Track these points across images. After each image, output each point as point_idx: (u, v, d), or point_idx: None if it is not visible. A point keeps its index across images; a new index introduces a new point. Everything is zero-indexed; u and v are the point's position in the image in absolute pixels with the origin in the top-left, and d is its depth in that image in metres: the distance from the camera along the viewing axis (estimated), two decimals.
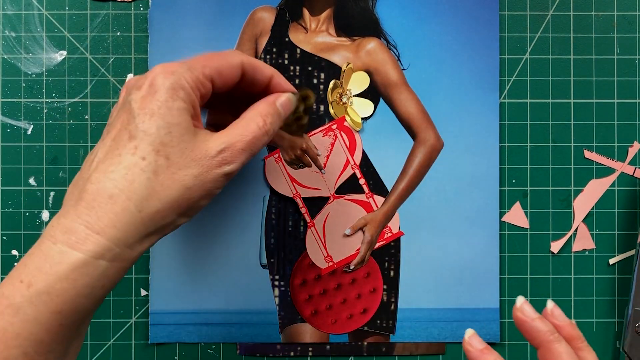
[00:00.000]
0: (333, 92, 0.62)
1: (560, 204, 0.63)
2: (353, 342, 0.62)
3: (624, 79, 0.63)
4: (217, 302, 0.62)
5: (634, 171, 0.63)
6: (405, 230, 0.63)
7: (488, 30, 0.63)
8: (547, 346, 0.44)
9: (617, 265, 0.63)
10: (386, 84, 0.63)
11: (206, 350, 0.62)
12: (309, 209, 0.62)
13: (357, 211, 0.63)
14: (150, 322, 0.61)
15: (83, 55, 0.63)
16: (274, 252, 0.62)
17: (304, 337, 0.62)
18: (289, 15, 0.63)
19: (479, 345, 0.45)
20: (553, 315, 0.47)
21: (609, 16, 0.64)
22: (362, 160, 0.63)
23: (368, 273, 0.63)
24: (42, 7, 0.63)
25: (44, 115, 0.62)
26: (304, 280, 0.62)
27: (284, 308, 0.62)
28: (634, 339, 0.59)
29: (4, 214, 0.62)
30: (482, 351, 0.45)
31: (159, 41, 0.62)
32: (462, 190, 0.63)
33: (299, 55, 0.63)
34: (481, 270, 0.62)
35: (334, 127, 0.63)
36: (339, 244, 0.62)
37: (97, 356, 0.62)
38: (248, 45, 0.62)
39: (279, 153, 0.62)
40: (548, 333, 0.45)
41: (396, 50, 0.63)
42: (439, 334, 0.62)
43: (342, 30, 0.63)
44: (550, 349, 0.44)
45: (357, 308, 0.62)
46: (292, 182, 0.62)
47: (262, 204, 0.62)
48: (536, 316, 0.46)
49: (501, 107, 0.63)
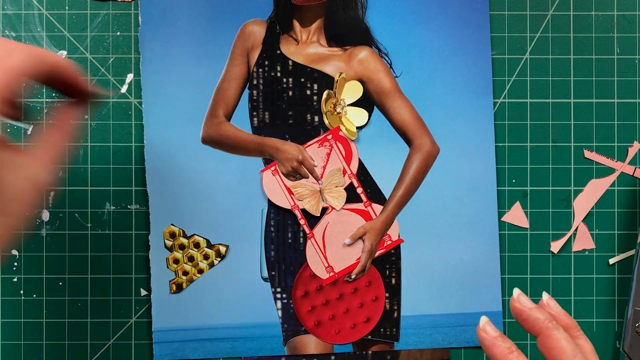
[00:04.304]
0: (327, 102, 0.62)
1: (560, 204, 0.63)
2: (358, 351, 0.62)
3: (624, 78, 0.63)
4: (219, 317, 0.62)
5: (634, 171, 0.63)
6: (404, 237, 0.63)
7: (479, 33, 0.63)
8: (547, 333, 0.45)
9: (617, 265, 0.63)
10: (379, 92, 0.63)
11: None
12: (307, 220, 0.63)
13: (356, 220, 0.63)
14: (154, 340, 0.62)
15: (83, 55, 0.63)
16: (275, 265, 0.63)
17: (309, 349, 0.62)
18: (279, 28, 0.63)
19: (493, 333, 0.46)
20: (549, 306, 0.48)
21: (609, 16, 0.63)
22: (359, 169, 0.63)
23: (369, 282, 0.63)
24: (42, 7, 0.63)
25: (44, 115, 0.63)
26: (306, 292, 0.63)
27: (287, 320, 0.62)
28: (634, 339, 0.59)
29: None
30: (496, 338, 0.46)
31: (151, 59, 0.62)
32: (460, 194, 0.63)
33: (291, 67, 0.62)
34: (482, 274, 0.62)
35: (330, 138, 0.63)
36: (339, 253, 0.63)
37: (97, 356, 0.63)
38: (240, 60, 0.62)
39: (275, 166, 0.62)
40: (546, 321, 0.45)
41: (388, 58, 0.63)
42: (442, 340, 0.62)
43: (333, 40, 0.63)
44: (550, 336, 0.45)
45: (360, 317, 0.62)
46: (289, 194, 0.62)
47: (261, 217, 0.63)
48: (533, 305, 0.46)
49: (501, 107, 0.63)
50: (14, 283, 0.63)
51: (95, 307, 0.63)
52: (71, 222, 0.63)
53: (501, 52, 0.63)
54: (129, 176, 0.63)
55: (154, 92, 0.62)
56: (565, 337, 0.45)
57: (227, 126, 0.62)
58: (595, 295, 0.63)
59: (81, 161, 0.63)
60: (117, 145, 0.63)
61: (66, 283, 0.63)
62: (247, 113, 0.63)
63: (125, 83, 0.63)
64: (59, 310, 0.63)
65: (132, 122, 0.63)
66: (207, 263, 0.62)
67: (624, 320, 0.61)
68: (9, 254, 0.63)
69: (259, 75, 0.62)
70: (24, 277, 0.63)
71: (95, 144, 0.63)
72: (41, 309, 0.63)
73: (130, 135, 0.63)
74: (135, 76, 0.63)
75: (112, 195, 0.63)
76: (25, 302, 0.63)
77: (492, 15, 0.63)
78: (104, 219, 0.63)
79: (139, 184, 0.63)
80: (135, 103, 0.63)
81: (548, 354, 0.45)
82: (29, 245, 0.63)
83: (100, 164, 0.63)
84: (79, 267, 0.63)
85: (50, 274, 0.63)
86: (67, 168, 0.63)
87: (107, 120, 0.63)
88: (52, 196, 0.63)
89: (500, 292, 0.62)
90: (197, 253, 0.62)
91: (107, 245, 0.63)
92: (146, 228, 0.63)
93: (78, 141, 0.63)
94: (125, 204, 0.63)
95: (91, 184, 0.63)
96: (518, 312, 0.47)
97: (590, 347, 0.47)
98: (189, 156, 0.62)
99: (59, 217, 0.63)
